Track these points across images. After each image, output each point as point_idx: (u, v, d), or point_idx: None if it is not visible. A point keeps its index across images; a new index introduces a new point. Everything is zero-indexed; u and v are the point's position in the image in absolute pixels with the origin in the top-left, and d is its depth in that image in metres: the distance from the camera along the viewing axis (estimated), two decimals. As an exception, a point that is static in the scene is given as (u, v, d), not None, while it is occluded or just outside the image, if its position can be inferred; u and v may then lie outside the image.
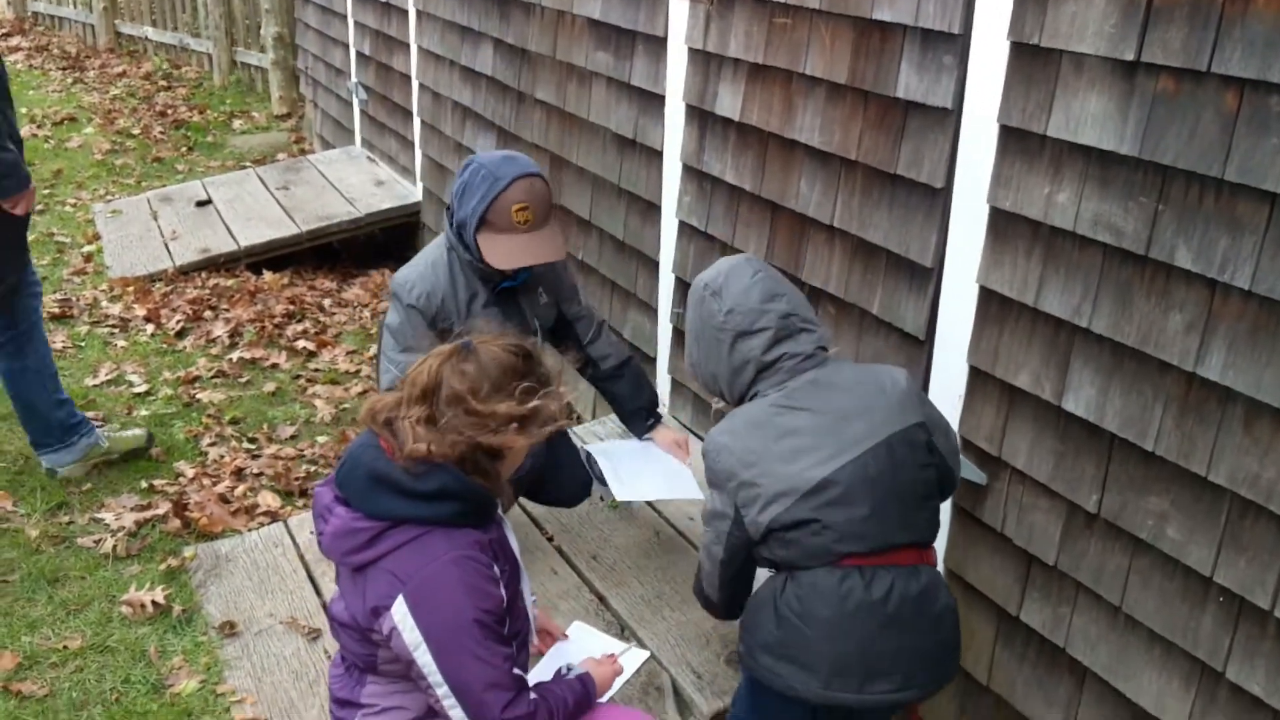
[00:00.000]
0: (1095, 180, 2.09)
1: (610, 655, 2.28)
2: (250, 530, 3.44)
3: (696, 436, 3.62)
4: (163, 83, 10.01)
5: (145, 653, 2.91)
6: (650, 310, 3.89)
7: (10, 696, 2.75)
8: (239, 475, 3.88)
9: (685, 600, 2.90)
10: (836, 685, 2.06)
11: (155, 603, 3.07)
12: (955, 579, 2.58)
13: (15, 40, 11.57)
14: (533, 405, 1.89)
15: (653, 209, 3.76)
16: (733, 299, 2.23)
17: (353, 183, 6.55)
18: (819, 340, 2.25)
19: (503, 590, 1.89)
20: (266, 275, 5.78)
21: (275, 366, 4.82)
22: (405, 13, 5.84)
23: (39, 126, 8.44)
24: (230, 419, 4.30)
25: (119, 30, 11.25)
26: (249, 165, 7.61)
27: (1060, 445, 2.26)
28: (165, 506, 3.58)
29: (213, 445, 4.08)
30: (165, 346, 4.92)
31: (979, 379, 2.46)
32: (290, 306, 5.42)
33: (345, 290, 5.87)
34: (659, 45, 3.54)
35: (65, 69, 10.45)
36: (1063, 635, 2.31)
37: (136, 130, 8.63)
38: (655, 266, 3.80)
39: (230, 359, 4.81)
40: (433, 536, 1.85)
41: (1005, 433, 2.39)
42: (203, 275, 5.69)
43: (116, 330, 5.05)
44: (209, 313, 5.27)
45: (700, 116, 3.40)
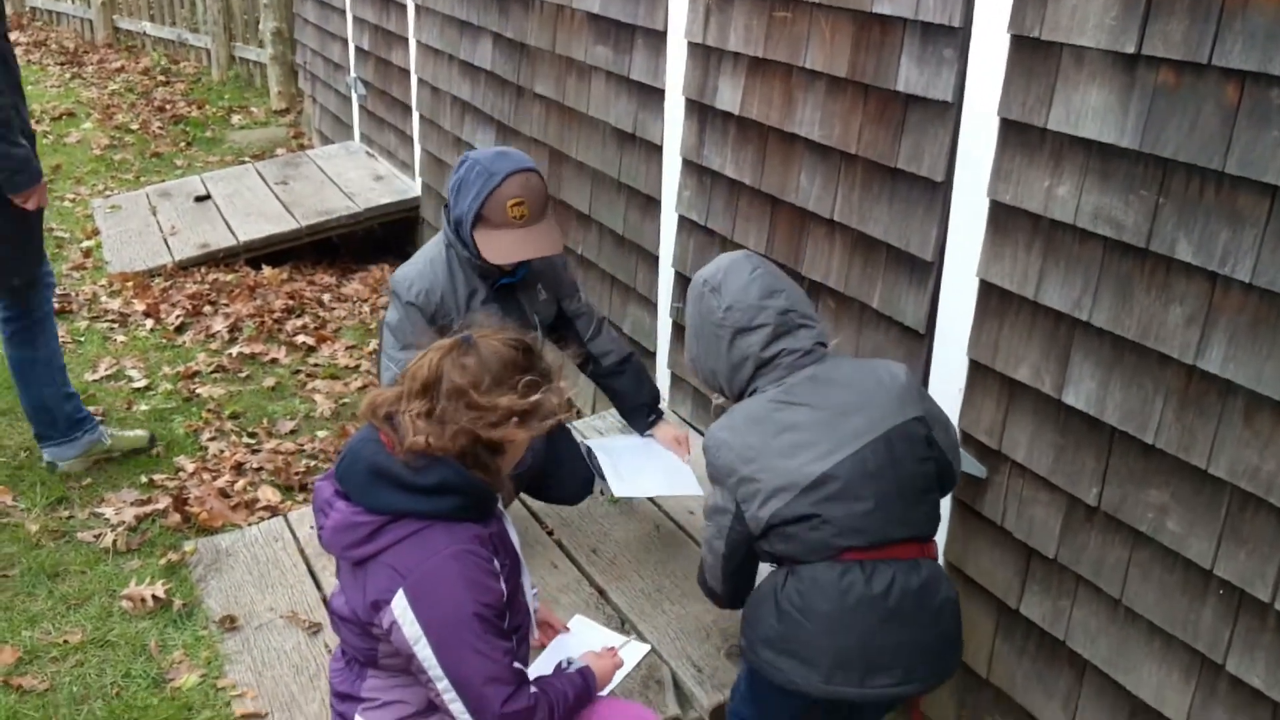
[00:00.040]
0: (1096, 173, 2.09)
1: (610, 649, 2.28)
2: (250, 525, 3.44)
3: (697, 431, 3.62)
4: (161, 78, 10.00)
5: (146, 647, 2.91)
6: (650, 305, 3.89)
7: (11, 691, 2.75)
8: (239, 470, 3.88)
9: (685, 594, 2.90)
10: (838, 679, 2.07)
11: (155, 597, 3.07)
12: (955, 572, 2.58)
13: (14, 36, 11.47)
14: (534, 399, 1.89)
15: (652, 203, 3.76)
16: (731, 295, 2.24)
17: (352, 178, 6.54)
18: (818, 336, 2.26)
19: (503, 584, 1.89)
20: (266, 270, 5.78)
21: (275, 361, 4.82)
22: (404, 7, 5.83)
23: (37, 122, 8.42)
24: (230, 414, 4.30)
25: (117, 25, 11.23)
26: (248, 160, 7.60)
27: (1060, 438, 2.26)
28: (165, 501, 3.58)
29: (212, 440, 4.08)
30: (165, 341, 4.92)
31: (979, 372, 2.46)
32: (289, 302, 5.42)
33: (344, 285, 5.87)
34: (658, 39, 3.54)
35: (63, 64, 10.44)
36: (1063, 628, 2.32)
37: (135, 125, 8.63)
38: (655, 261, 3.80)
39: (230, 354, 4.81)
40: (433, 531, 1.85)
41: (1005, 426, 2.39)
42: (202, 270, 5.69)
43: (116, 325, 5.05)
44: (208, 308, 5.27)
45: (700, 110, 3.39)
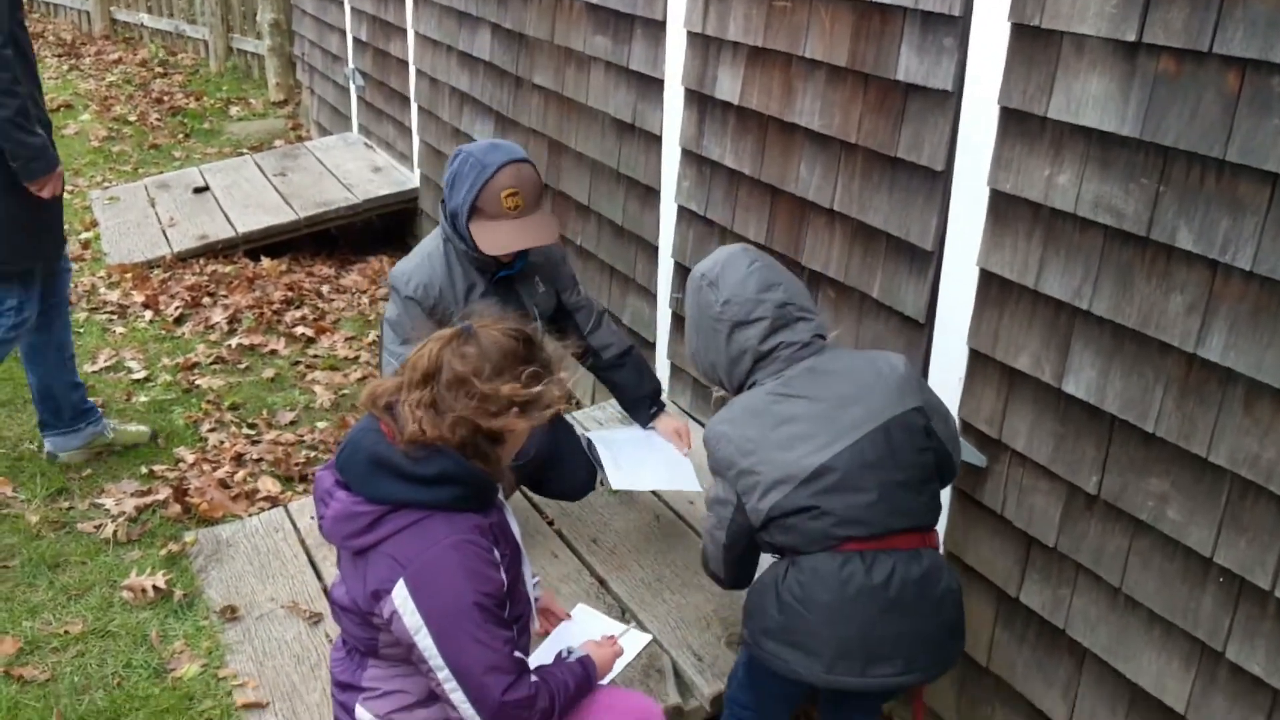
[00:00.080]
0: (1096, 162, 2.08)
1: (610, 637, 2.28)
2: (250, 515, 3.45)
3: (696, 422, 3.62)
4: (159, 69, 9.98)
5: (146, 637, 2.91)
6: (649, 295, 3.88)
7: (12, 681, 2.76)
8: (239, 461, 3.88)
9: (685, 583, 2.91)
10: (839, 669, 2.07)
11: (156, 588, 3.08)
12: (955, 561, 2.59)
13: (13, 27, 11.52)
14: (534, 389, 1.89)
15: (652, 194, 3.75)
16: (729, 289, 2.24)
17: (350, 169, 6.54)
18: (816, 328, 2.26)
19: (503, 574, 1.89)
20: (265, 262, 5.77)
21: (274, 353, 4.82)
22: (402, -2, 5.82)
23: (36, 113, 8.41)
24: (230, 405, 4.30)
25: (114, 17, 11.21)
26: (246, 152, 7.59)
27: (1060, 427, 2.26)
28: (165, 492, 3.58)
29: (212, 431, 4.08)
30: (164, 333, 4.91)
31: (979, 362, 2.46)
32: (289, 293, 5.41)
33: (343, 277, 5.87)
34: (658, 29, 3.53)
35: (61, 56, 10.41)
36: (1063, 616, 2.32)
37: (133, 117, 8.61)
38: (654, 251, 3.79)
39: (229, 345, 4.81)
40: (433, 521, 1.85)
41: (1005, 415, 2.39)
42: (201, 262, 5.68)
43: (115, 317, 5.05)
44: (207, 299, 5.26)
45: (699, 100, 3.39)
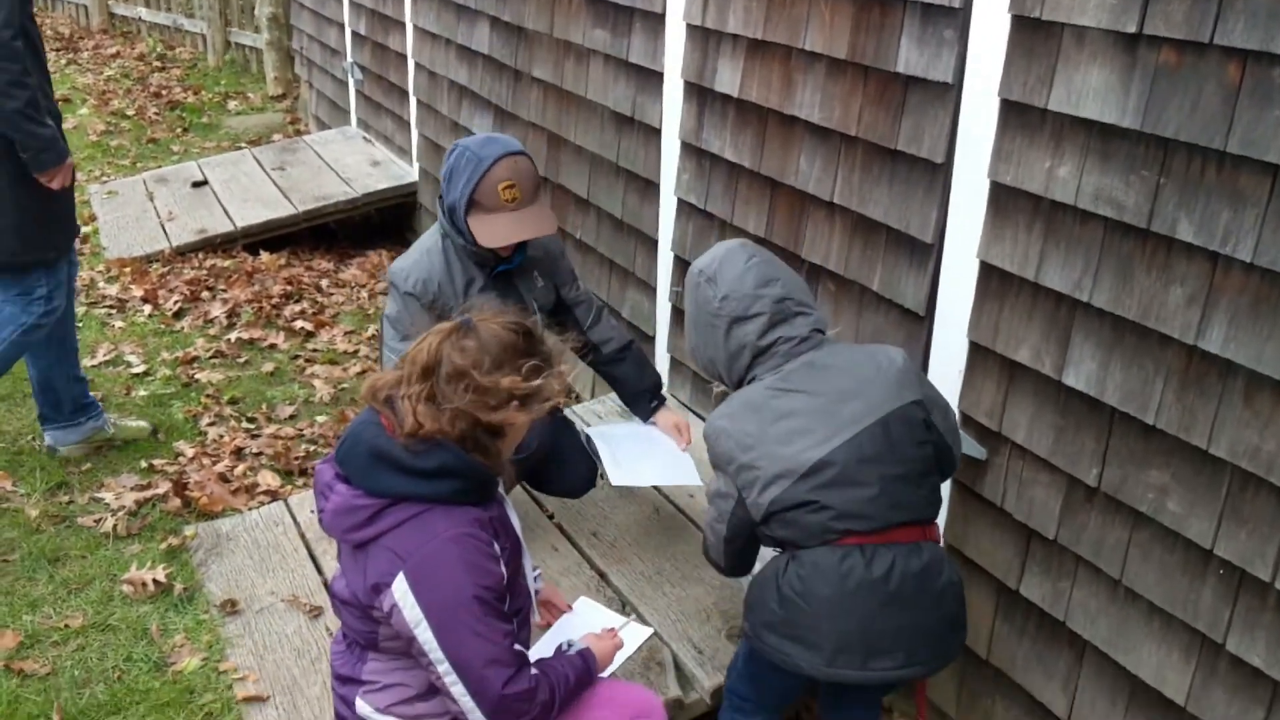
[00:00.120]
0: (1097, 154, 2.08)
1: (610, 630, 2.29)
2: (250, 509, 3.44)
3: (697, 416, 3.62)
4: (157, 63, 9.96)
5: (147, 631, 2.91)
6: (649, 289, 3.88)
7: (12, 675, 2.76)
8: (238, 455, 3.88)
9: (685, 577, 2.91)
10: (840, 662, 2.07)
11: (156, 581, 3.07)
12: (955, 553, 2.59)
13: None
14: (534, 383, 1.89)
15: (651, 187, 3.75)
16: (727, 285, 2.24)
17: (349, 163, 6.53)
18: (815, 323, 2.26)
19: (503, 568, 1.89)
20: (263, 256, 5.77)
21: (273, 347, 4.82)
22: (401, -9, 5.80)
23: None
24: (229, 399, 4.30)
25: (112, 11, 11.19)
26: (244, 146, 7.58)
27: (1060, 420, 2.26)
28: (165, 486, 3.58)
29: (212, 425, 4.08)
30: (163, 327, 4.91)
31: (979, 354, 2.46)
32: (288, 287, 5.41)
33: (342, 271, 5.86)
34: (657, 21, 3.52)
35: (59, 50, 10.39)
36: (1063, 609, 2.32)
37: (131, 111, 8.60)
38: (654, 245, 3.79)
39: (228, 339, 4.81)
40: (433, 514, 1.85)
41: (1005, 408, 2.39)
42: (199, 256, 5.68)
43: (114, 311, 5.05)
44: (206, 293, 5.26)
45: (699, 93, 3.38)
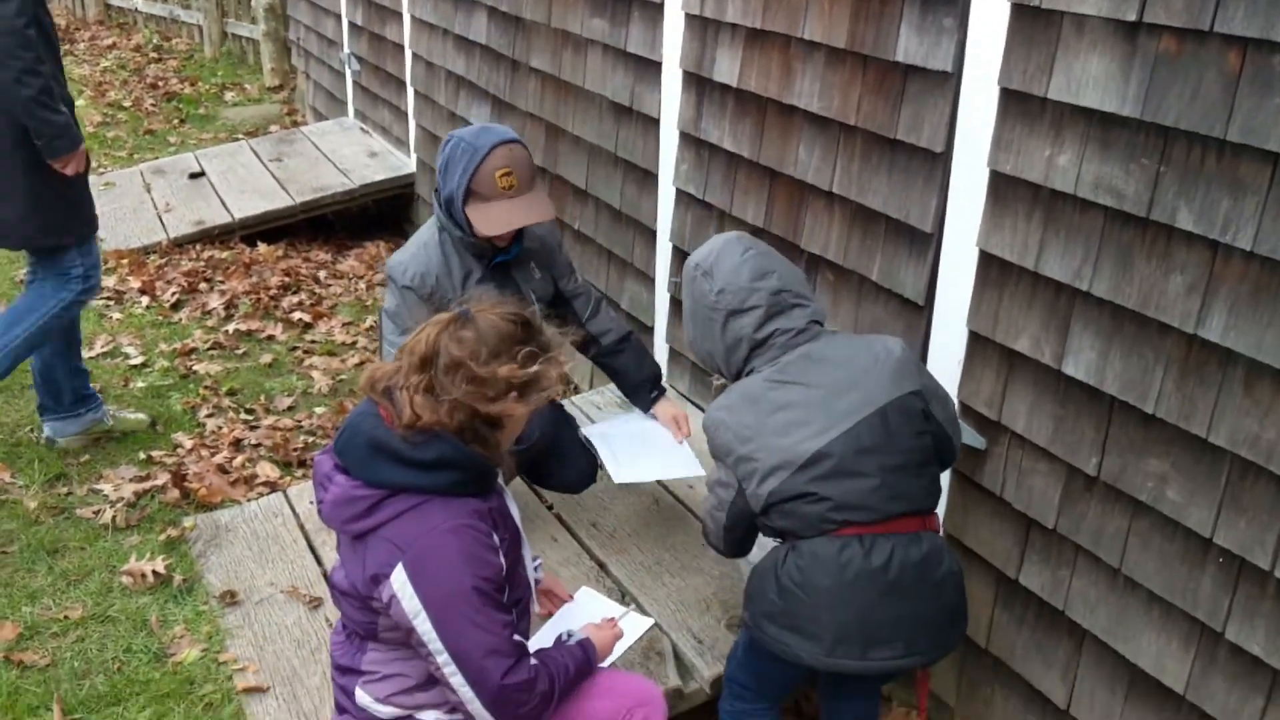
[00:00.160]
0: (1096, 142, 2.08)
1: (610, 620, 2.29)
2: (249, 500, 3.44)
3: (696, 407, 3.62)
4: (153, 55, 9.93)
5: (146, 622, 2.91)
6: (648, 280, 3.88)
7: (12, 666, 2.76)
8: (237, 446, 3.88)
9: (685, 567, 2.91)
10: (840, 652, 2.07)
11: (155, 572, 3.08)
12: (955, 543, 2.59)
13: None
14: (532, 371, 1.89)
15: (650, 177, 3.74)
16: (723, 278, 2.25)
17: (346, 154, 6.51)
18: (812, 315, 2.26)
19: (502, 558, 1.89)
20: (261, 247, 5.76)
21: (271, 338, 4.81)
22: (398, -19, 5.78)
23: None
24: (227, 390, 4.29)
25: (108, 2, 11.16)
26: (241, 137, 7.56)
27: (1060, 409, 2.26)
28: (164, 477, 3.58)
29: (210, 416, 4.08)
30: (161, 319, 4.90)
31: (979, 344, 2.45)
32: (285, 278, 5.40)
33: (340, 262, 5.85)
34: (655, 11, 3.51)
35: (55, 41, 10.35)
36: (1062, 598, 2.32)
37: (128, 103, 8.57)
38: (652, 235, 3.78)
39: (226, 331, 4.80)
40: (431, 505, 1.85)
41: (1005, 397, 2.39)
42: (197, 247, 5.67)
43: (112, 303, 5.04)
44: (204, 285, 5.25)
45: (697, 83, 3.37)
